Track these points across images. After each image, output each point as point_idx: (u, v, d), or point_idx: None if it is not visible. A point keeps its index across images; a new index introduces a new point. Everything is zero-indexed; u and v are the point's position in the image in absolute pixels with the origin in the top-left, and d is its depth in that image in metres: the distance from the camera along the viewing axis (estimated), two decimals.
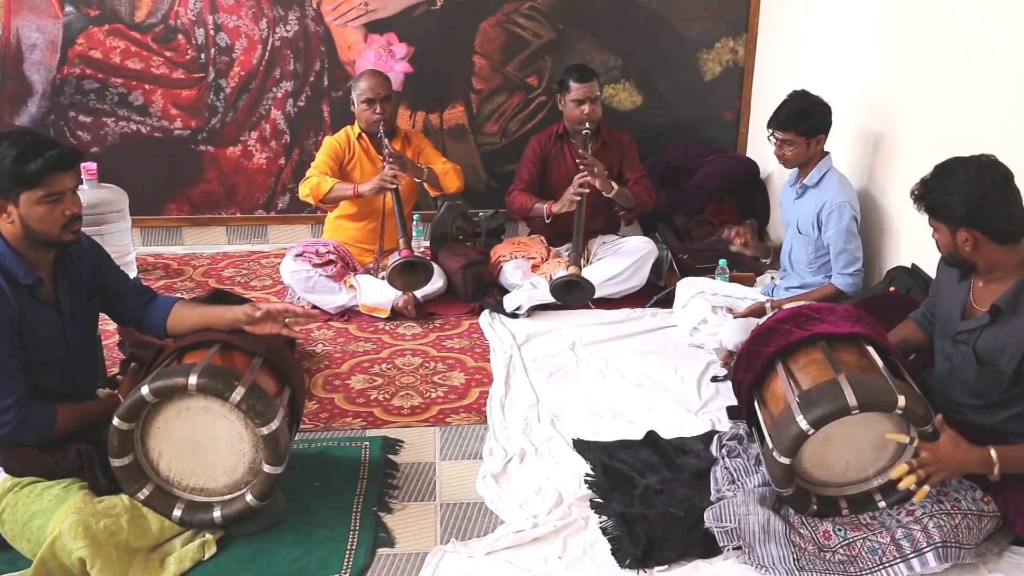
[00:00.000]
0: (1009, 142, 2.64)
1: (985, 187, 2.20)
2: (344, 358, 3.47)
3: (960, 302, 2.43)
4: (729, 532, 2.31)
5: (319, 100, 4.66)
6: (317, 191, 3.83)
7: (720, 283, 3.73)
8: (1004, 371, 2.29)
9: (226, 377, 2.22)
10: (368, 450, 2.78)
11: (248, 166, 4.73)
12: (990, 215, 2.21)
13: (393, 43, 4.61)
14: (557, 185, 4.14)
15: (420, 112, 4.73)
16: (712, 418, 2.99)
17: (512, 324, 3.74)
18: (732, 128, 4.96)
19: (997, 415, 2.38)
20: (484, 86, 4.74)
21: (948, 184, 2.24)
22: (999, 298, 2.28)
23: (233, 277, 4.39)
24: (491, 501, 2.54)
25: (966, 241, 2.26)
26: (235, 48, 4.53)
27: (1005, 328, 2.27)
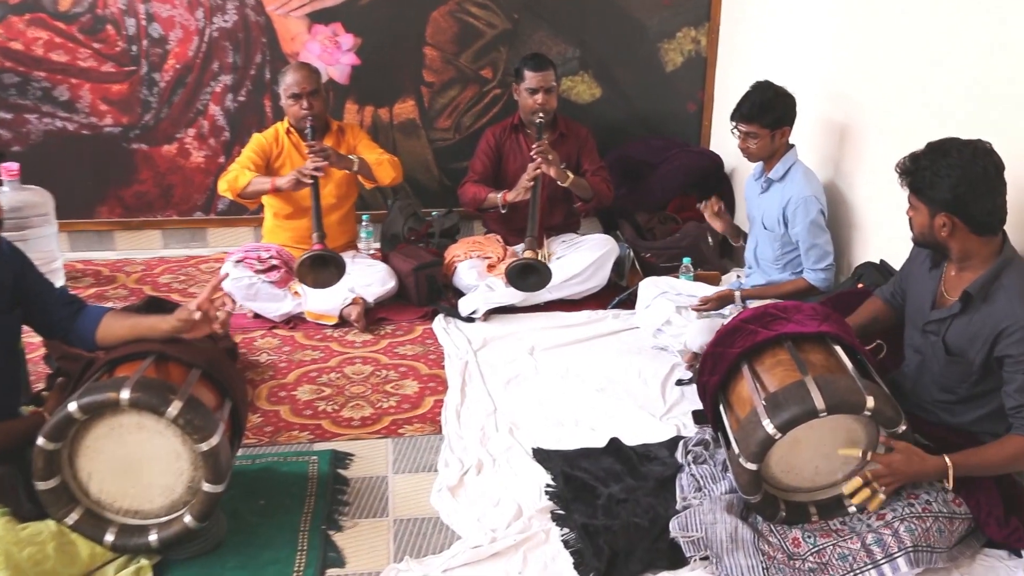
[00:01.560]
0: (977, 131, 2.69)
1: (976, 174, 2.23)
2: (290, 368, 3.44)
3: (931, 291, 2.47)
4: (696, 542, 2.32)
5: (260, 95, 4.60)
6: (235, 184, 3.80)
7: (684, 282, 3.76)
8: (973, 362, 2.34)
9: (161, 391, 2.18)
10: (316, 465, 2.76)
11: (185, 165, 4.65)
12: (974, 204, 2.24)
13: (339, 34, 4.57)
14: (512, 178, 4.14)
15: (368, 107, 4.70)
16: (677, 423, 3.01)
17: (468, 329, 3.74)
18: (695, 121, 5.01)
19: (968, 414, 2.43)
20: (436, 79, 4.72)
21: (940, 165, 2.25)
22: (970, 285, 2.32)
23: (170, 284, 4.33)
24: (447, 516, 2.53)
25: (943, 226, 2.30)
26: (169, 39, 4.46)
27: (976, 317, 2.32)
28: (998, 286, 2.29)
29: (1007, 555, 2.35)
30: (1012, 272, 2.30)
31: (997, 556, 2.35)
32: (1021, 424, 2.22)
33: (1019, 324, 2.21)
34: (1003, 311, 2.25)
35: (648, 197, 4.62)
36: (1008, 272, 2.30)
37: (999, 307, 2.27)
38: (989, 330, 2.28)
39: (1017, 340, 2.21)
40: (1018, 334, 2.21)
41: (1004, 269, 2.30)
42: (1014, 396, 2.23)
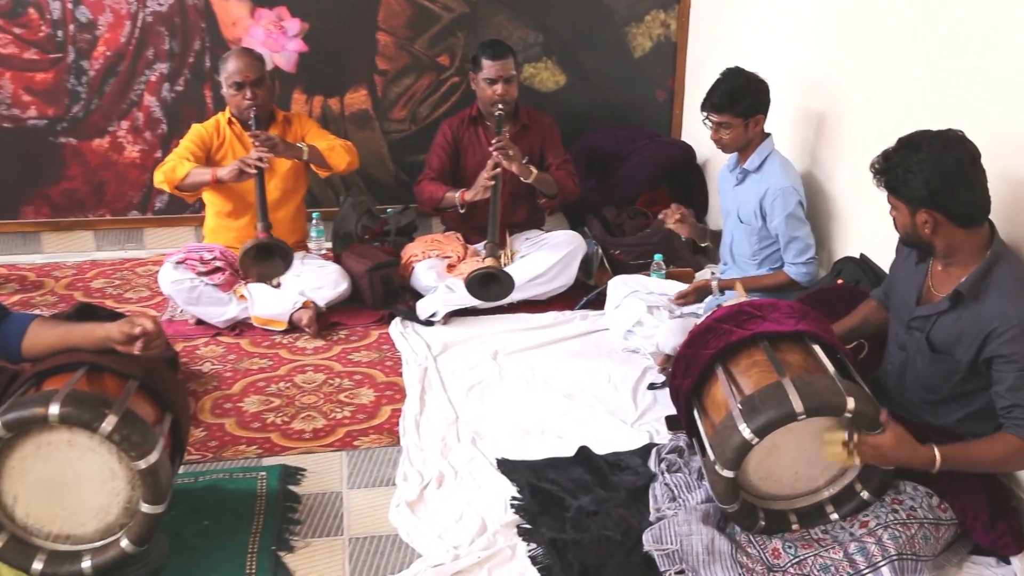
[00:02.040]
0: (958, 118, 2.74)
1: (949, 166, 2.26)
2: (236, 377, 3.41)
3: (917, 286, 2.51)
4: (671, 555, 2.34)
5: (200, 84, 4.55)
6: (172, 176, 3.77)
7: (656, 280, 3.78)
8: (959, 361, 2.38)
9: (94, 404, 2.15)
10: (265, 481, 2.74)
11: (118, 160, 4.59)
12: (952, 197, 2.27)
13: (284, 18, 4.54)
14: (472, 174, 4.14)
15: (317, 97, 4.68)
16: (650, 430, 3.03)
17: (426, 333, 3.73)
18: (665, 109, 5.04)
19: (951, 414, 2.48)
20: (389, 66, 4.70)
21: (911, 161, 2.29)
22: (961, 283, 2.36)
23: (104, 289, 4.27)
24: (406, 533, 2.53)
25: (925, 223, 2.33)
26: (98, 24, 4.39)
27: (964, 315, 2.36)
28: (988, 283, 2.33)
29: (995, 562, 2.39)
30: (1002, 268, 2.33)
31: (985, 564, 2.39)
32: (1013, 424, 2.25)
33: (1010, 324, 2.25)
34: (993, 310, 2.29)
35: (617, 191, 4.64)
36: (998, 268, 2.33)
37: (989, 306, 2.30)
38: (978, 330, 2.32)
39: (1008, 340, 2.25)
40: (1009, 333, 2.25)
41: (994, 265, 2.34)
42: (1005, 396, 2.27)
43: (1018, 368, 2.24)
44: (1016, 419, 2.24)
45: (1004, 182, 2.53)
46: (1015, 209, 2.53)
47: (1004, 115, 2.55)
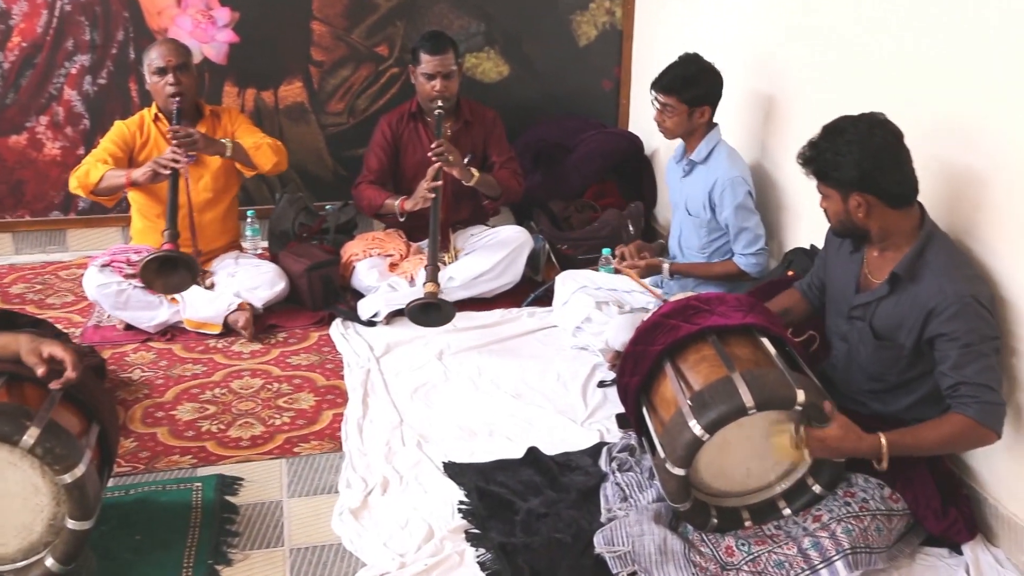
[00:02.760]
0: (906, 106, 2.80)
1: (877, 146, 2.35)
2: (168, 384, 3.37)
3: (854, 275, 2.58)
4: (622, 556, 2.36)
5: (124, 76, 4.48)
6: (86, 180, 3.70)
7: (604, 275, 3.81)
8: (903, 345, 2.44)
9: (14, 416, 2.11)
10: (200, 492, 2.72)
11: (38, 158, 4.51)
12: (883, 177, 2.36)
13: (213, 7, 4.49)
14: (413, 173, 4.14)
15: (250, 90, 4.63)
16: (600, 428, 3.05)
17: (369, 334, 3.72)
18: (612, 99, 5.08)
19: (899, 401, 2.54)
20: (326, 57, 4.68)
21: (838, 145, 2.37)
22: (897, 265, 2.43)
23: (23, 294, 4.20)
24: (350, 541, 2.52)
25: (859, 207, 2.41)
26: (12, 13, 4.30)
27: (904, 298, 2.42)
28: (923, 263, 2.41)
29: (948, 553, 2.46)
30: (935, 247, 2.41)
31: (938, 555, 2.45)
32: (960, 403, 2.31)
33: (948, 301, 2.31)
34: (930, 290, 2.36)
35: (563, 184, 4.67)
36: (932, 248, 2.41)
37: (926, 286, 2.37)
38: (918, 311, 2.38)
39: (948, 318, 2.31)
40: (948, 311, 2.31)
41: (927, 245, 2.42)
42: (950, 374, 2.33)
43: (960, 345, 2.30)
44: (962, 397, 2.30)
45: (950, 166, 2.60)
46: (953, 196, 2.59)
47: (954, 101, 2.60)
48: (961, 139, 2.56)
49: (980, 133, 2.49)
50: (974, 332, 2.30)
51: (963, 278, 2.34)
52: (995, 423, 2.30)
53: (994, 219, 2.46)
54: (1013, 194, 2.39)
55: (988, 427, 2.30)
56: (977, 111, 2.50)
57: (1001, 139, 2.42)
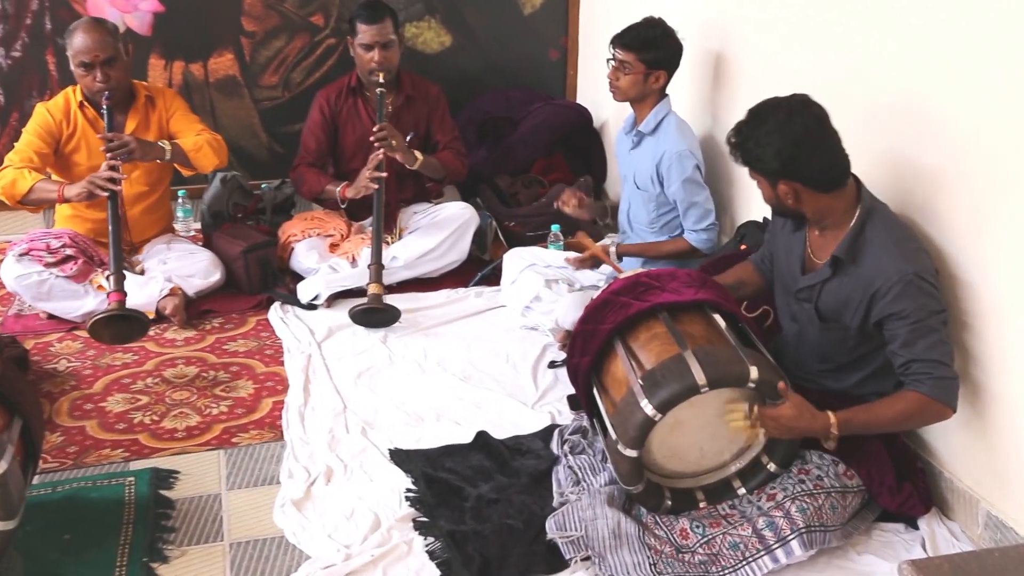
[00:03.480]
0: (856, 75, 2.83)
1: (797, 134, 2.37)
2: (96, 375, 3.33)
3: (798, 256, 2.62)
4: (575, 541, 2.38)
5: (40, 49, 4.37)
6: (12, 191, 3.55)
7: (554, 252, 3.82)
8: (849, 327, 2.49)
9: None
10: (133, 487, 2.69)
11: None
12: (807, 164, 2.38)
13: None
14: (352, 151, 4.10)
15: (177, 62, 4.55)
16: (552, 410, 3.07)
17: (309, 317, 3.70)
18: (559, 70, 5.08)
19: (849, 378, 2.59)
20: (258, 28, 4.61)
21: (759, 135, 2.40)
22: (837, 248, 2.47)
23: None
24: (293, 534, 2.51)
25: (787, 194, 2.44)
26: None
27: (847, 280, 2.46)
28: (863, 242, 2.44)
29: (904, 528, 2.51)
30: (875, 224, 2.44)
31: (894, 530, 2.51)
32: (913, 379, 2.36)
33: (891, 281, 2.35)
34: (873, 270, 2.40)
35: (510, 158, 4.66)
36: (871, 224, 2.45)
37: (868, 266, 2.41)
38: (862, 292, 2.42)
39: (893, 298, 2.35)
40: (893, 291, 2.35)
41: (866, 222, 2.45)
42: (900, 353, 2.37)
43: (909, 323, 2.34)
44: (914, 374, 2.35)
45: (903, 145, 2.64)
46: (906, 175, 2.63)
47: (909, 71, 2.63)
48: (915, 116, 2.59)
49: (934, 111, 2.52)
50: (921, 309, 2.34)
51: (904, 255, 2.37)
52: (950, 398, 2.35)
53: (947, 199, 2.50)
54: (965, 173, 2.42)
55: (943, 402, 2.34)
56: (932, 85, 2.52)
57: (954, 118, 2.45)
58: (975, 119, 2.37)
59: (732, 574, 2.31)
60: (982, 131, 2.35)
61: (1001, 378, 2.39)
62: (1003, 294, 2.35)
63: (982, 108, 2.35)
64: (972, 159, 2.39)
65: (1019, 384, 2.33)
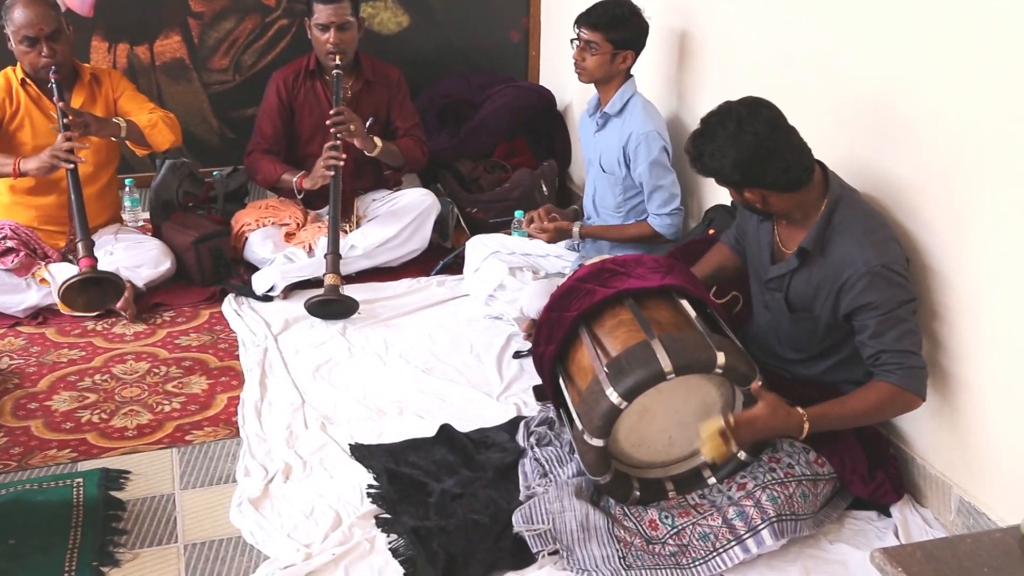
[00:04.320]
0: (828, 49, 2.85)
1: (750, 145, 2.38)
2: (41, 372, 3.30)
3: (768, 245, 2.65)
4: (543, 535, 2.39)
5: None
6: None
7: (517, 239, 3.83)
8: (819, 317, 2.52)
9: None
10: (82, 488, 2.66)
11: None
12: (766, 172, 2.40)
13: None
14: (309, 135, 4.09)
15: (122, 44, 4.50)
16: (517, 402, 3.08)
17: (265, 309, 3.68)
18: (520, 51, 5.08)
19: (821, 365, 2.63)
20: (206, 8, 4.58)
21: (713, 151, 2.42)
22: (804, 239, 2.49)
23: None
24: (250, 533, 2.50)
25: (754, 200, 2.47)
26: None
27: (815, 271, 2.49)
28: (831, 232, 2.47)
29: (876, 516, 2.55)
30: (843, 213, 2.47)
31: (866, 518, 2.55)
32: (883, 370, 2.39)
33: (859, 273, 2.38)
34: (841, 261, 2.42)
35: (471, 143, 4.65)
36: (839, 214, 2.47)
37: (836, 257, 2.44)
38: (831, 283, 2.45)
39: (862, 289, 2.38)
40: (861, 283, 2.38)
41: (834, 212, 2.48)
42: (869, 344, 2.40)
43: (878, 315, 2.37)
44: (884, 365, 2.38)
45: (876, 135, 2.66)
46: (879, 165, 2.66)
47: (884, 50, 2.64)
48: (889, 105, 2.61)
49: (906, 100, 2.54)
50: (890, 300, 2.37)
51: (873, 245, 2.40)
52: (919, 387, 2.39)
53: (919, 189, 2.52)
54: (941, 162, 2.45)
55: (913, 392, 2.38)
56: (908, 64, 2.54)
57: (928, 108, 2.47)
58: (953, 106, 2.39)
59: (703, 565, 2.34)
60: (960, 120, 2.37)
61: (971, 365, 2.42)
62: (975, 283, 2.38)
63: (961, 94, 2.36)
64: (948, 149, 2.41)
65: (989, 371, 2.37)
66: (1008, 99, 2.21)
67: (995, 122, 2.26)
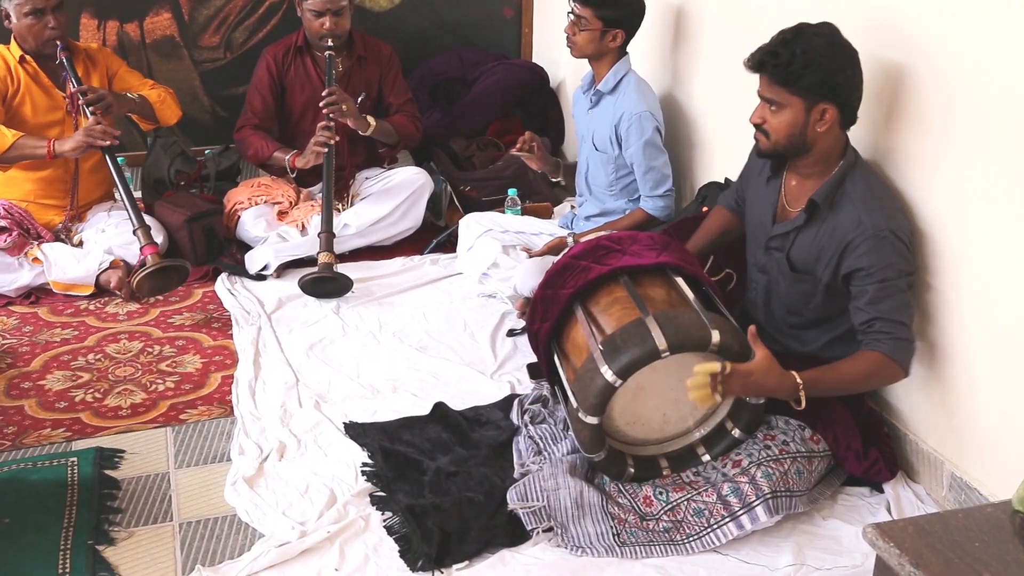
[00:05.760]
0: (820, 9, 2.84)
1: (849, 57, 2.39)
2: (35, 352, 3.29)
3: (771, 204, 2.63)
4: (537, 512, 2.40)
5: None
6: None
7: (511, 217, 3.82)
8: (819, 279, 2.52)
9: None
10: (76, 468, 2.67)
11: None
12: (852, 90, 2.41)
13: None
14: (300, 112, 4.07)
15: (111, 22, 4.48)
16: (511, 380, 3.08)
17: (258, 288, 3.68)
18: (513, 28, 5.06)
19: (817, 339, 2.63)
20: None
21: (814, 48, 2.36)
22: (815, 192, 2.49)
23: None
24: (245, 512, 2.51)
25: (821, 118, 2.42)
26: None
27: (822, 229, 2.49)
28: (842, 193, 2.47)
29: (869, 492, 2.56)
30: (856, 177, 2.48)
31: (859, 494, 2.56)
32: (873, 339, 2.40)
33: (865, 235, 2.38)
34: (849, 222, 2.42)
35: (464, 120, 4.64)
36: (852, 177, 2.48)
37: (844, 217, 2.44)
38: (836, 244, 2.45)
39: (865, 251, 2.39)
40: (865, 245, 2.39)
41: (848, 173, 2.48)
42: (865, 310, 2.41)
43: (877, 280, 2.38)
44: (876, 333, 2.39)
45: (869, 95, 2.66)
46: (871, 125, 2.66)
47: (884, 16, 2.61)
48: (883, 63, 2.60)
49: (898, 63, 2.54)
50: (891, 267, 2.37)
51: (882, 211, 2.41)
52: (906, 360, 2.41)
53: (910, 150, 2.52)
54: (926, 123, 2.45)
55: (899, 363, 2.40)
56: (910, 36, 2.53)
57: (919, 66, 2.47)
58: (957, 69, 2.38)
59: (696, 541, 2.35)
60: (959, 87, 2.36)
61: (961, 339, 2.43)
62: (966, 254, 2.39)
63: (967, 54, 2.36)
64: (953, 117, 2.39)
65: (978, 345, 2.38)
66: None
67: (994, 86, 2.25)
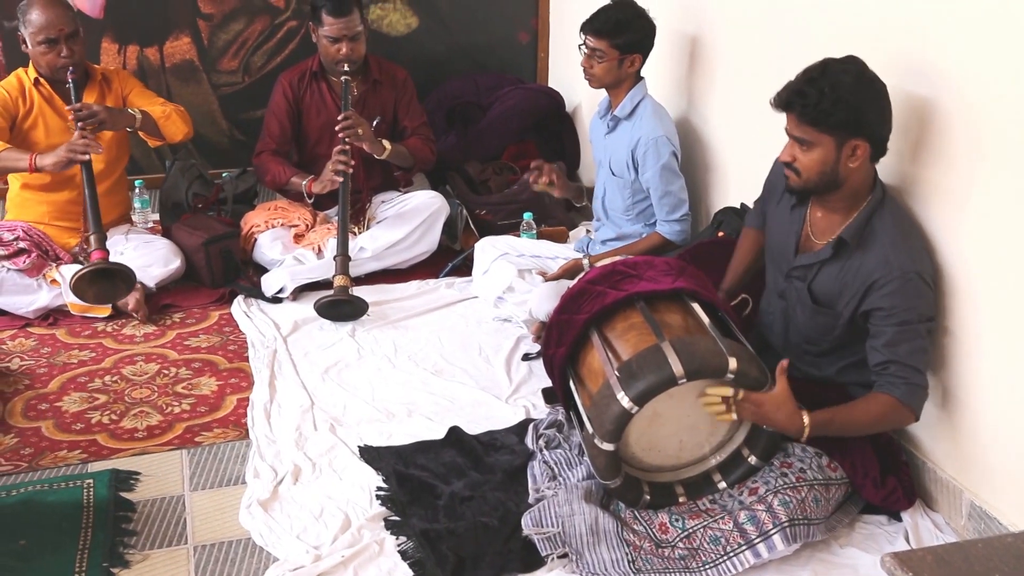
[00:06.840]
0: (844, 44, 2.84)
1: (877, 92, 2.37)
2: (52, 373, 3.30)
3: (795, 234, 2.62)
4: (552, 538, 2.39)
5: None
6: None
7: (526, 241, 3.83)
8: (840, 314, 2.50)
9: None
10: (92, 489, 2.67)
11: None
12: (881, 125, 2.39)
13: None
14: (317, 137, 4.09)
15: (131, 46, 4.51)
16: (526, 404, 3.08)
17: (274, 311, 3.69)
18: (529, 53, 5.07)
19: (833, 365, 2.62)
20: (215, 10, 4.58)
21: (842, 85, 2.32)
22: (844, 229, 2.47)
23: None
24: (260, 535, 2.50)
25: (853, 154, 2.39)
26: None
27: (848, 265, 2.47)
28: (870, 231, 2.45)
29: (887, 520, 2.54)
30: (884, 215, 2.45)
31: (877, 523, 2.54)
32: (887, 381, 2.39)
33: (892, 276, 2.37)
34: (876, 260, 2.41)
35: (479, 145, 4.65)
36: (880, 215, 2.45)
37: (872, 256, 2.42)
38: (860, 281, 2.43)
39: (889, 292, 2.37)
40: (890, 286, 2.37)
41: (876, 210, 2.46)
42: (881, 351, 2.39)
43: (897, 322, 2.37)
44: (891, 376, 2.38)
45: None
46: (893, 162, 2.65)
47: (902, 45, 2.60)
48: (907, 95, 2.59)
49: (921, 101, 2.52)
50: (913, 310, 2.36)
51: (908, 251, 2.39)
52: (917, 405, 2.41)
53: (937, 183, 2.50)
54: (949, 158, 2.44)
55: (910, 408, 2.39)
56: (926, 67, 2.52)
57: (939, 107, 2.46)
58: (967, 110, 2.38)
59: (712, 568, 2.33)
60: (969, 125, 2.36)
61: (980, 369, 2.42)
62: (981, 286, 2.38)
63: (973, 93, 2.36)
64: (981, 153, 2.36)
65: (998, 373, 2.36)
66: None
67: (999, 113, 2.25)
